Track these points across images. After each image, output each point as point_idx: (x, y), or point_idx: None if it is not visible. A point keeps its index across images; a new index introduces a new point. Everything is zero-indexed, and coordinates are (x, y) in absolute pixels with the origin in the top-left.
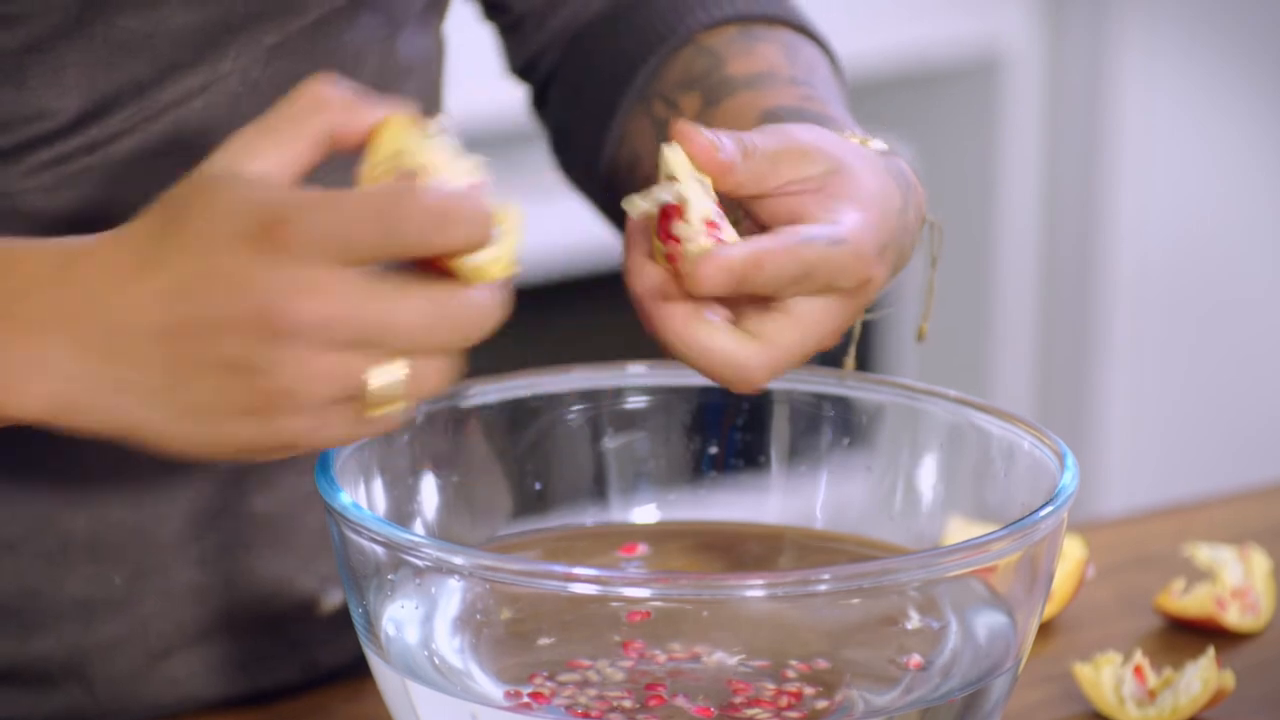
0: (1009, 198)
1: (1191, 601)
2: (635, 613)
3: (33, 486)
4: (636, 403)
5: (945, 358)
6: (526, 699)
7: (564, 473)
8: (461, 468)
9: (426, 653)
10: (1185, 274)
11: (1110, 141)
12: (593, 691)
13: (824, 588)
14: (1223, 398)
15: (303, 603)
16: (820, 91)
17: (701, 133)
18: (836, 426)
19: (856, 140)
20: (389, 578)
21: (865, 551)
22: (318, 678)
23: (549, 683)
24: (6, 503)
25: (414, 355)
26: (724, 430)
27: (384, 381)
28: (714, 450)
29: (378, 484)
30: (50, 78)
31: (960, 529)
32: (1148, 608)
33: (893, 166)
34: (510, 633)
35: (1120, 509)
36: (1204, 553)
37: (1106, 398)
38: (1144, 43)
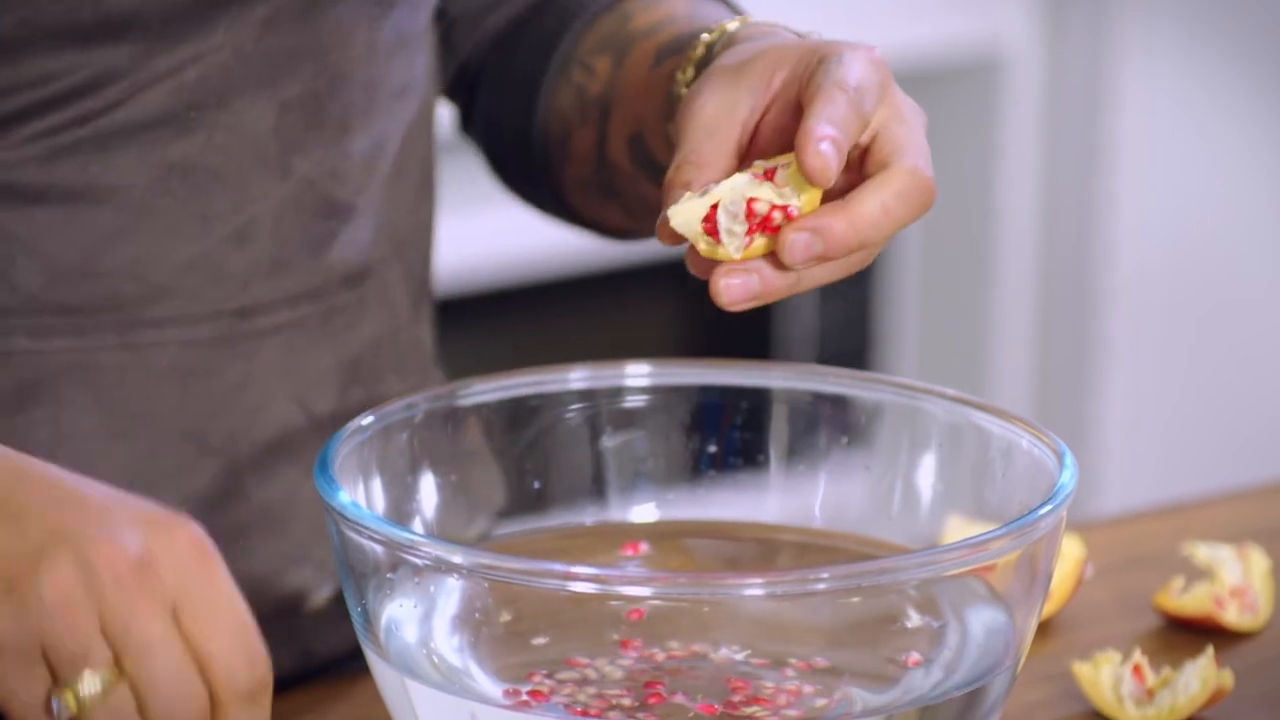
0: (1008, 197)
1: (1190, 600)
2: (634, 611)
3: None
4: (635, 402)
5: (944, 357)
6: (525, 697)
7: (563, 471)
8: (460, 466)
9: (425, 651)
10: (1184, 274)
11: (1109, 142)
12: (592, 690)
13: (823, 586)
14: (1221, 397)
15: (294, 593)
16: (703, 11)
17: (816, 162)
18: (835, 425)
19: (735, 24)
20: (388, 576)
21: (864, 550)
22: (312, 668)
23: (548, 681)
24: None
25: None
26: (723, 429)
27: (89, 692)
28: (713, 449)
29: (376, 483)
30: (42, 52)
31: (959, 528)
32: (1146, 607)
33: (762, 32)
34: (509, 631)
35: (1119, 508)
36: (1202, 552)
37: (1105, 397)
38: (1143, 43)
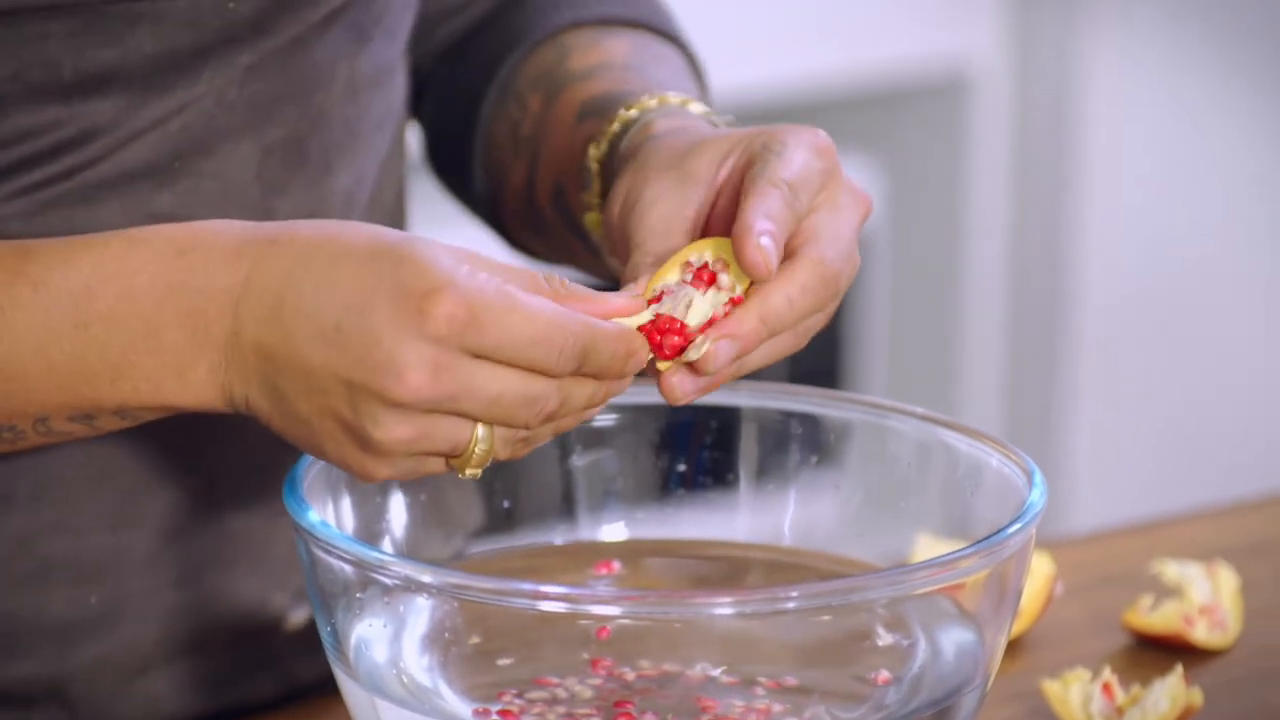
0: (977, 216)
1: (1159, 618)
2: (601, 629)
3: (10, 512)
4: (605, 421)
5: (914, 375)
6: (495, 717)
7: (533, 491)
8: (430, 486)
9: (395, 671)
10: (1154, 292)
11: (1079, 160)
12: (561, 709)
13: (792, 605)
14: (1191, 416)
15: (276, 618)
16: (651, 74)
17: (756, 257)
18: (805, 444)
19: (654, 102)
20: (357, 596)
21: (833, 569)
22: (291, 692)
23: (517, 700)
24: None
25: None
26: (692, 448)
27: (481, 446)
28: (682, 468)
29: (346, 502)
30: (25, 109)
31: (928, 546)
32: (1116, 625)
33: (690, 121)
34: (479, 651)
35: (1088, 526)
36: (1172, 570)
37: (1075, 415)
38: (1112, 60)
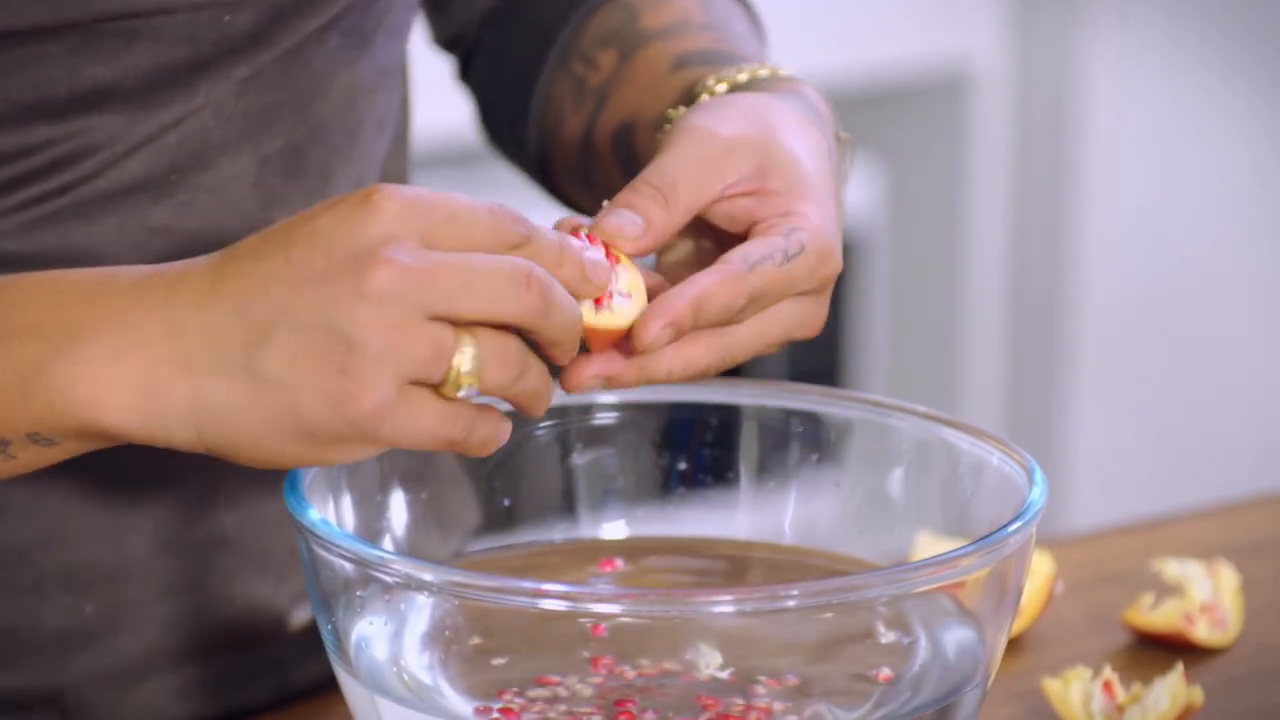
0: (978, 215)
1: (1160, 617)
2: (596, 626)
3: (5, 523)
4: (605, 418)
5: (914, 373)
6: (496, 715)
7: (533, 489)
8: (430, 484)
9: (395, 669)
10: (1154, 290)
11: (1079, 158)
12: (562, 707)
13: (793, 603)
14: (1192, 414)
15: (275, 622)
16: (732, 33)
17: (609, 220)
18: (805, 442)
19: (766, 72)
20: (358, 594)
21: (834, 567)
22: (289, 696)
23: (518, 699)
24: None
25: (489, 326)
26: (693, 446)
27: (466, 354)
28: (683, 466)
29: (346, 501)
30: (20, 126)
31: (929, 545)
32: (1116, 623)
33: (807, 105)
34: (479, 649)
35: (1089, 525)
36: (1172, 568)
37: (1075, 414)
38: (1112, 60)
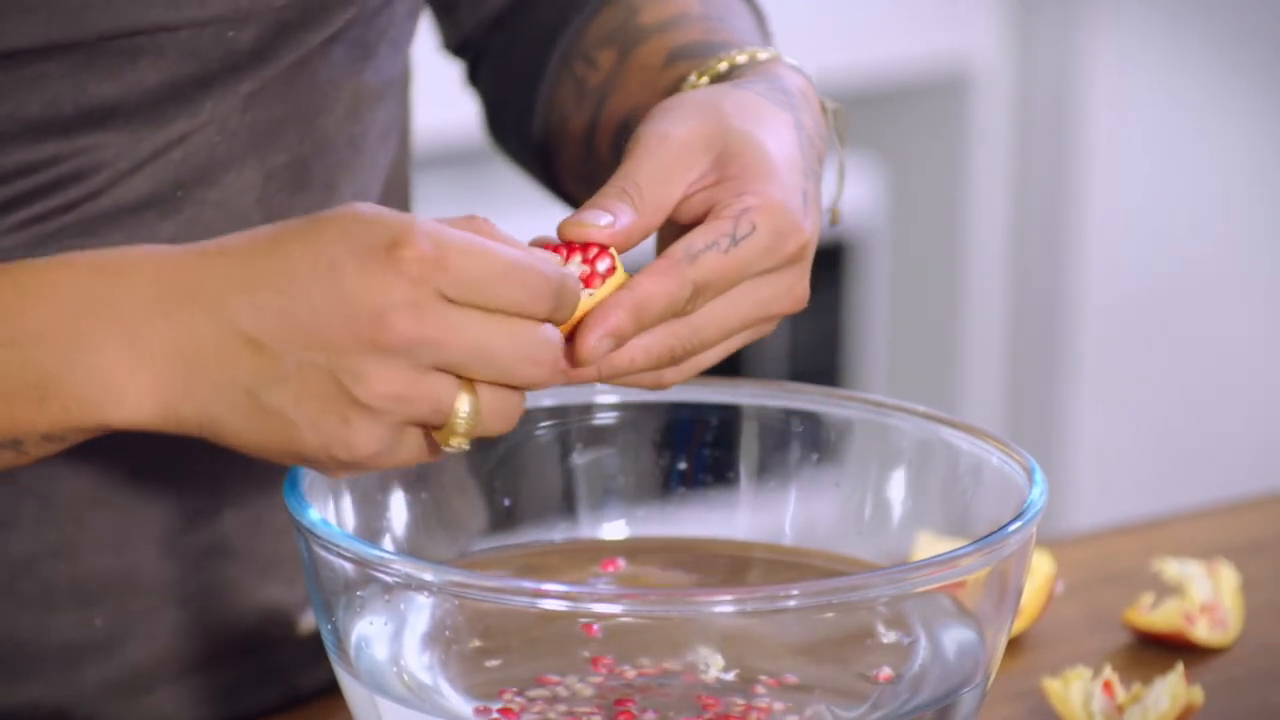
0: (978, 214)
1: (1160, 617)
2: (590, 626)
3: (12, 536)
4: (605, 419)
5: (914, 373)
6: (496, 715)
7: (533, 489)
8: (431, 484)
9: (395, 669)
10: (1154, 290)
11: (1079, 158)
12: (562, 707)
13: (793, 603)
14: (1192, 414)
15: (282, 628)
16: (725, 23)
17: (579, 221)
18: (805, 442)
19: (744, 58)
20: (358, 594)
21: (834, 567)
22: (297, 701)
23: (518, 699)
24: None
25: (495, 384)
26: (693, 446)
27: (466, 411)
28: (683, 466)
29: (347, 501)
30: (26, 144)
31: (929, 544)
32: (1116, 623)
33: (773, 86)
34: (479, 649)
35: (1089, 524)
36: (1172, 568)
37: (1075, 414)
38: (1112, 59)
